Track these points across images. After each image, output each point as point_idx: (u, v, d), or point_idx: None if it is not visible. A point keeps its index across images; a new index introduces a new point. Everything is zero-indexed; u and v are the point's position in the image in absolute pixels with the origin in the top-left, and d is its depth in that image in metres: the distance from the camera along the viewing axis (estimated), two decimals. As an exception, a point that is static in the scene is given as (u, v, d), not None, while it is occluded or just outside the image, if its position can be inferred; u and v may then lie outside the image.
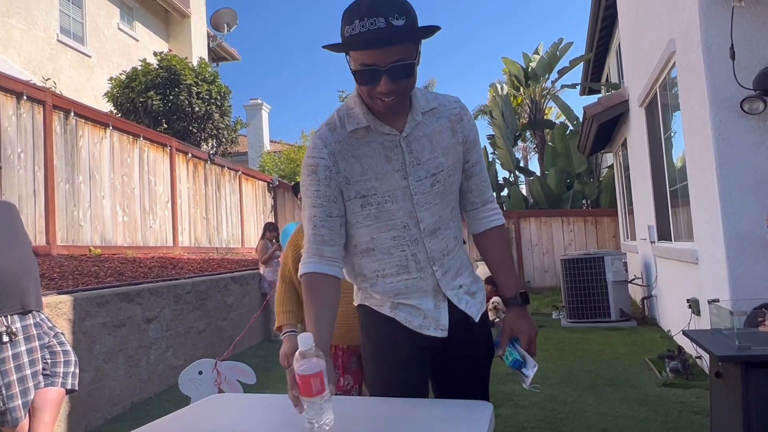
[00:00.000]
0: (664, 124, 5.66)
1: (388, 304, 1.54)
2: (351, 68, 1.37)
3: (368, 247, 1.50)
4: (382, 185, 1.44)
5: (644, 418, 3.48)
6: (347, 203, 1.46)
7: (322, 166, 1.42)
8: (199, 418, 1.37)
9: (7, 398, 2.74)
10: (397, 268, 1.50)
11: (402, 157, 1.44)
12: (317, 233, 1.45)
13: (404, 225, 1.47)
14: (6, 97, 5.02)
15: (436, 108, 1.50)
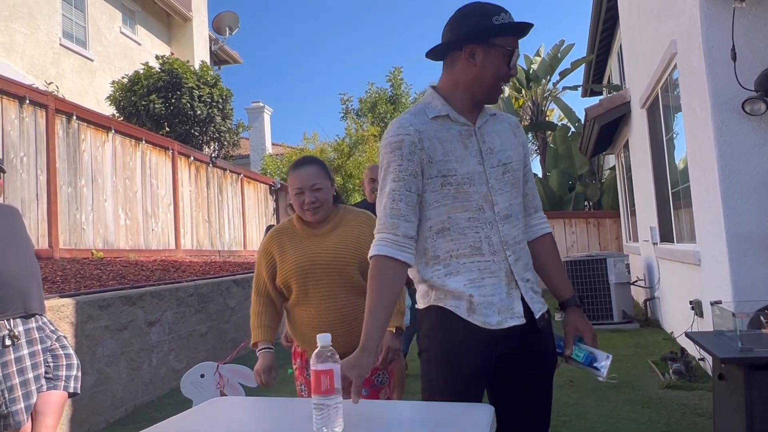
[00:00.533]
0: (666, 126, 5.65)
1: (465, 305, 1.51)
2: (477, 55, 1.52)
3: (444, 227, 1.53)
4: (461, 167, 1.52)
5: (647, 421, 3.47)
6: (427, 182, 1.52)
7: (407, 142, 1.51)
8: (201, 422, 1.37)
9: (10, 402, 2.74)
10: (470, 249, 1.52)
11: (477, 145, 1.57)
12: (395, 207, 1.50)
13: (479, 207, 1.53)
14: (9, 101, 5.03)
15: (496, 114, 1.67)
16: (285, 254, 2.16)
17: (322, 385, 1.20)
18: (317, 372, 1.21)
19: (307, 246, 2.13)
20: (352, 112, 19.49)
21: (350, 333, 2.07)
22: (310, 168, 2.13)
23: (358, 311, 2.07)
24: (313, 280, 2.09)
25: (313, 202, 2.08)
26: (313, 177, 2.10)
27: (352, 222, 2.18)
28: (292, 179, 2.12)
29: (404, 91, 20.43)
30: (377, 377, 2.15)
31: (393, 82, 20.22)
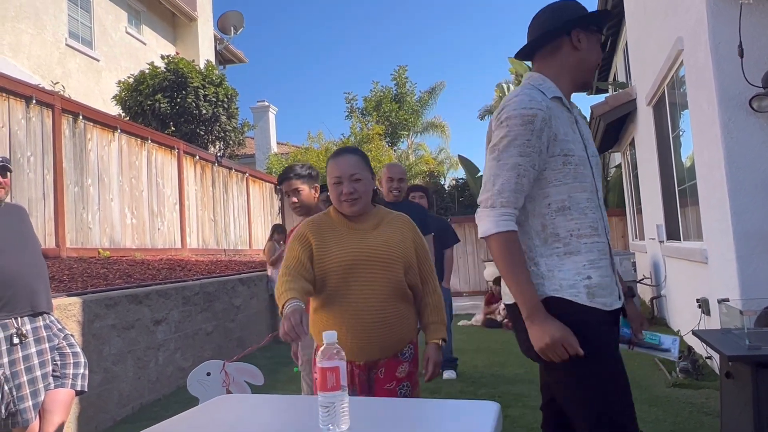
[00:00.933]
0: (672, 123, 5.63)
1: (583, 291, 1.50)
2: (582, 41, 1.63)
3: (564, 205, 1.54)
4: (576, 149, 1.57)
5: (654, 419, 3.45)
6: (550, 160, 1.54)
7: (539, 117, 1.51)
8: (207, 419, 1.38)
9: (18, 399, 2.76)
10: (590, 230, 1.55)
11: (579, 132, 1.63)
12: (520, 182, 1.51)
13: (593, 189, 1.60)
14: (16, 101, 5.06)
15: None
16: (326, 246, 1.97)
17: (329, 382, 1.20)
18: (323, 369, 1.22)
19: (350, 241, 1.98)
20: (356, 111, 19.49)
21: (387, 338, 1.94)
22: (350, 157, 2.00)
23: (398, 315, 1.96)
24: (354, 277, 1.93)
25: (351, 192, 1.95)
26: (353, 166, 1.97)
27: (394, 223, 2.06)
28: (331, 168, 1.98)
29: (409, 89, 20.41)
30: (401, 389, 2.00)
31: (398, 80, 20.20)
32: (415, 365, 2.03)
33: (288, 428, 1.32)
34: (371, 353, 1.93)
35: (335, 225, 2.04)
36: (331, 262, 1.93)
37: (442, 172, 19.88)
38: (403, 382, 1.99)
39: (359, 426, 1.30)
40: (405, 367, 2.00)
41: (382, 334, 1.92)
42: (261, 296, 6.88)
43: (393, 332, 1.93)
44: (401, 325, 1.96)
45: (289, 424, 1.34)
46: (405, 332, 1.99)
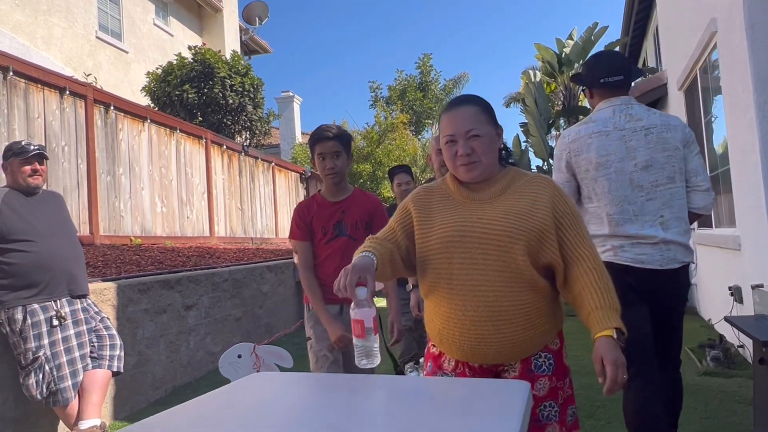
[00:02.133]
0: (705, 108, 5.49)
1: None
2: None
3: None
4: None
5: (684, 407, 3.38)
6: None
7: None
8: (241, 395, 1.42)
9: (58, 379, 2.87)
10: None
11: None
12: None
13: None
14: (50, 92, 5.19)
15: None
16: (430, 220, 1.63)
17: (355, 330, 1.42)
18: (353, 320, 1.42)
19: (461, 212, 1.60)
20: (381, 100, 19.45)
21: (506, 338, 1.51)
22: (467, 109, 1.59)
23: (521, 309, 1.51)
24: (459, 257, 1.54)
25: (468, 154, 1.56)
26: (469, 121, 1.57)
27: (525, 187, 1.60)
28: (443, 124, 1.62)
29: (434, 78, 20.28)
30: (543, 410, 1.56)
31: (422, 69, 20.08)
32: (561, 378, 1.59)
33: (320, 403, 1.35)
34: (486, 356, 1.55)
35: (449, 194, 1.66)
36: (431, 240, 1.60)
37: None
38: (544, 401, 1.55)
39: (387, 402, 1.32)
40: (544, 382, 1.56)
41: (497, 332, 1.50)
42: (288, 283, 6.97)
43: (513, 331, 1.51)
44: (527, 322, 1.52)
45: (322, 399, 1.37)
46: (535, 333, 1.54)
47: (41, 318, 2.86)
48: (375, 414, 1.28)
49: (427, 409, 1.25)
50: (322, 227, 2.55)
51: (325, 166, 2.51)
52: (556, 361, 1.59)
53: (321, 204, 2.60)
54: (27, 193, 3.02)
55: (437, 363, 1.66)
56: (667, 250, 2.20)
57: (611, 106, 2.32)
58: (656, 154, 2.23)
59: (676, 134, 2.26)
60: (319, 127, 2.56)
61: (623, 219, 2.22)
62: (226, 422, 1.20)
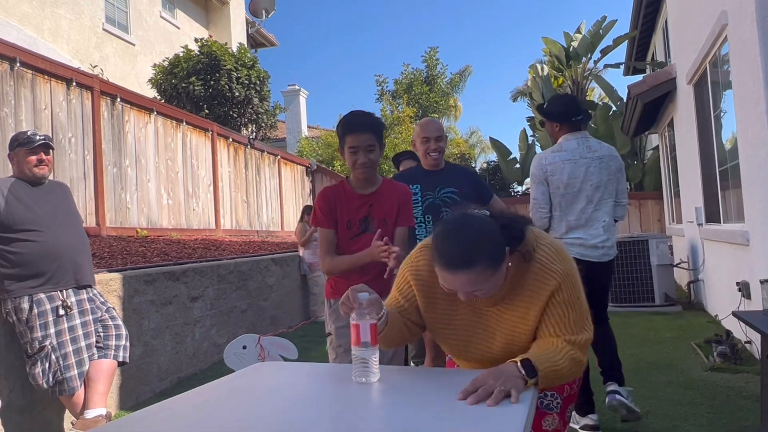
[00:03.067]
0: (714, 102, 5.44)
1: None
2: None
3: None
4: None
5: (690, 402, 3.40)
6: None
7: None
8: (246, 383, 1.41)
9: (64, 368, 2.88)
10: None
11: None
12: None
13: None
14: (57, 83, 5.20)
15: None
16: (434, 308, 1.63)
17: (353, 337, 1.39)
18: (352, 325, 1.39)
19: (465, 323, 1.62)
20: (387, 94, 19.40)
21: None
22: (465, 276, 1.40)
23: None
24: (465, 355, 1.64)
25: (472, 297, 1.48)
26: (468, 286, 1.43)
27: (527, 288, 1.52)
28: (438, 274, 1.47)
29: (440, 71, 20.19)
30: (544, 398, 1.58)
31: (429, 62, 20.00)
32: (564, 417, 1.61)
33: (322, 394, 1.34)
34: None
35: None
36: (438, 334, 1.62)
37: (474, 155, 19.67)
38: (546, 391, 1.57)
39: (392, 392, 1.32)
40: (552, 420, 1.56)
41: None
42: (293, 276, 6.98)
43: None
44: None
45: (326, 388, 1.37)
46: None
47: (47, 307, 2.87)
48: (380, 404, 1.28)
49: (435, 399, 1.24)
50: (348, 221, 2.37)
51: (357, 160, 2.30)
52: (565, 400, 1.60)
53: (349, 194, 2.40)
54: (33, 183, 3.02)
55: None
56: (602, 248, 3.03)
57: (576, 138, 3.09)
58: (603, 177, 3.04)
59: (616, 163, 3.14)
60: (351, 115, 2.34)
61: (578, 224, 3.04)
62: (229, 410, 1.20)
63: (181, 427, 1.11)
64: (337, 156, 15.74)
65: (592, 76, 14.70)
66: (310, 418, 1.14)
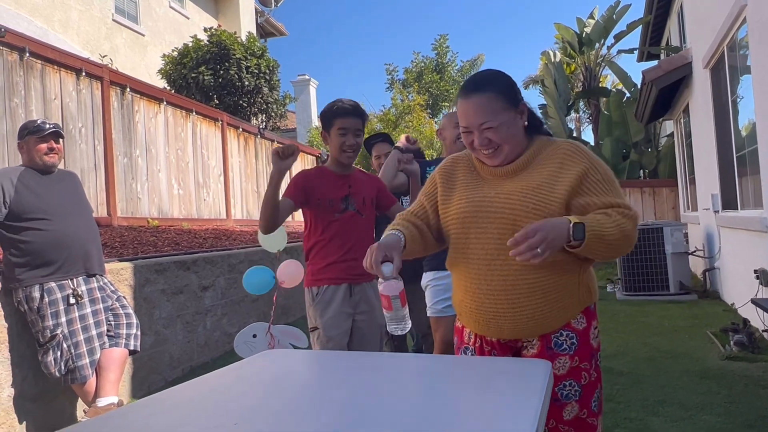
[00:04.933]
0: (732, 87, 5.32)
1: None
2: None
3: None
4: None
5: (706, 391, 3.34)
6: None
7: None
8: (254, 370, 1.39)
9: (76, 357, 2.88)
10: None
11: None
12: None
13: None
14: (66, 73, 5.20)
15: None
16: (451, 193, 1.63)
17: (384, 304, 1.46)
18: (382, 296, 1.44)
19: (481, 187, 1.58)
20: (397, 83, 19.29)
21: (522, 314, 1.47)
22: (478, 99, 1.50)
23: (537, 286, 1.46)
24: (475, 232, 1.53)
25: (485, 145, 1.52)
26: (481, 113, 1.49)
27: (549, 158, 1.53)
28: (458, 111, 1.57)
29: (450, 59, 20.02)
30: (562, 389, 1.49)
31: (439, 50, 19.84)
32: (585, 359, 1.51)
33: (332, 381, 1.31)
34: (501, 330, 1.51)
35: (473, 166, 1.65)
36: (449, 214, 1.60)
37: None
38: (564, 380, 1.49)
39: (403, 380, 1.28)
40: (564, 361, 1.49)
41: (511, 306, 1.47)
42: (304, 265, 6.97)
43: (528, 306, 1.46)
44: (543, 297, 1.47)
45: (333, 378, 1.34)
46: (552, 309, 1.48)
47: (58, 296, 2.87)
48: (389, 392, 1.24)
49: (445, 387, 1.21)
50: (329, 199, 2.47)
51: (345, 142, 2.44)
52: (581, 341, 1.51)
53: (328, 175, 2.53)
54: (43, 171, 3.01)
55: (461, 337, 1.66)
56: None
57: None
58: None
59: None
60: (339, 101, 2.48)
61: None
62: (238, 396, 1.18)
63: (188, 414, 1.09)
64: (347, 145, 15.70)
65: (605, 62, 14.49)
66: (318, 405, 1.11)
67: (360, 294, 2.46)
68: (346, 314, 2.40)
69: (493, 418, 0.97)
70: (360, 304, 2.45)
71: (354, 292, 2.44)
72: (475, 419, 0.98)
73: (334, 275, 2.43)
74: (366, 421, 1.00)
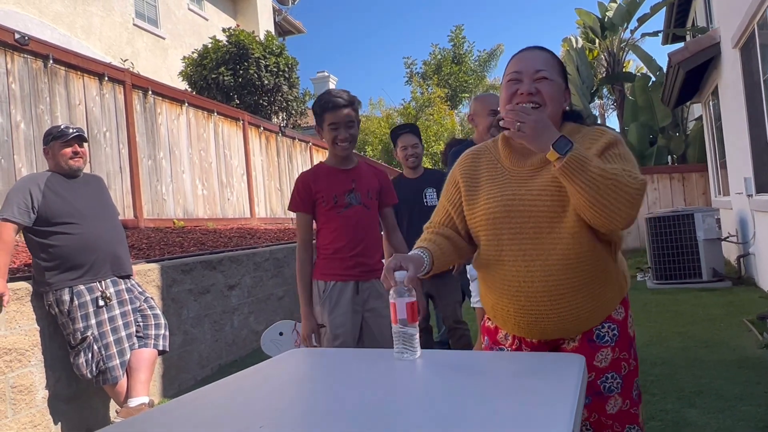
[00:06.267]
0: (763, 66, 5.14)
1: None
2: None
3: None
4: None
5: (744, 381, 3.24)
6: None
7: None
8: (280, 370, 1.37)
9: (107, 358, 2.92)
10: None
11: None
12: None
13: None
14: (90, 78, 5.27)
15: None
16: (476, 192, 1.52)
17: (393, 315, 1.33)
18: (392, 304, 1.32)
19: (509, 183, 1.47)
20: (416, 76, 19.18)
21: (565, 314, 1.40)
22: (539, 53, 1.49)
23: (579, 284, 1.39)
24: (509, 233, 1.43)
25: (531, 93, 1.44)
26: (540, 61, 1.46)
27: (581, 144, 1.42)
28: (510, 64, 1.51)
29: (467, 49, 19.83)
30: (604, 381, 1.46)
31: (455, 41, 19.67)
32: (625, 349, 1.48)
33: (359, 380, 1.29)
34: (544, 331, 1.45)
35: (497, 160, 1.54)
36: (477, 215, 1.50)
37: (506, 134, 19.28)
38: (606, 372, 1.45)
39: (432, 378, 1.25)
40: (606, 353, 1.45)
41: (554, 307, 1.40)
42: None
43: (573, 305, 1.40)
44: (587, 294, 1.41)
45: (361, 376, 1.31)
46: (597, 305, 1.43)
47: (87, 299, 2.91)
48: (418, 390, 1.21)
49: (477, 384, 1.18)
50: (334, 195, 2.43)
51: (338, 135, 2.39)
52: (621, 332, 1.47)
53: (329, 172, 2.48)
54: (69, 175, 3.05)
55: (493, 338, 1.58)
56: None
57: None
58: None
59: None
60: (327, 93, 2.43)
61: None
62: (264, 398, 1.16)
63: (215, 416, 1.08)
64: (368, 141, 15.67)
65: (629, 46, 14.17)
66: (344, 406, 1.08)
67: (369, 291, 2.44)
68: (353, 312, 2.38)
69: (528, 417, 0.93)
70: (369, 301, 2.43)
71: (361, 289, 2.41)
72: (508, 418, 0.94)
73: (341, 271, 2.41)
74: (393, 421, 0.97)
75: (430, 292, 3.50)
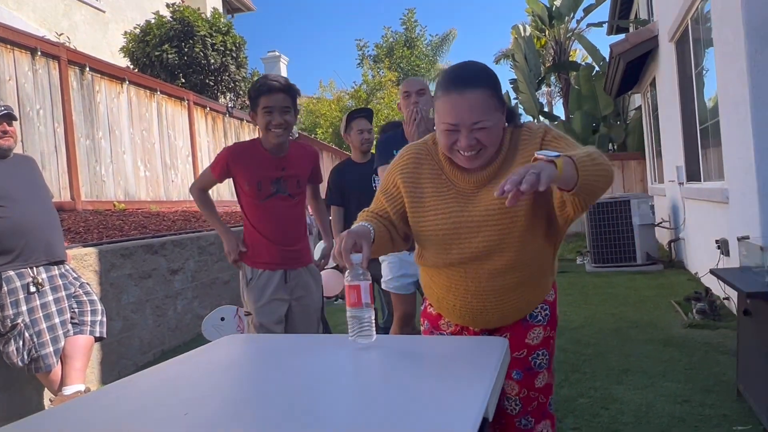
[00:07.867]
0: (696, 60, 5.39)
1: None
2: None
3: None
4: None
5: (668, 359, 3.45)
6: None
7: None
8: (213, 356, 1.38)
9: (39, 346, 2.82)
10: None
11: None
12: None
13: None
14: (21, 52, 4.99)
15: None
16: (421, 202, 1.49)
17: (351, 298, 1.31)
18: (348, 287, 1.31)
19: (457, 200, 1.45)
20: (368, 59, 19.08)
21: (509, 306, 1.47)
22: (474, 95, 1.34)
23: (525, 280, 1.46)
24: (458, 247, 1.44)
25: (472, 145, 1.36)
26: (477, 111, 1.34)
27: (520, 151, 1.43)
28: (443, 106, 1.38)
29: (419, 33, 19.85)
30: (535, 358, 1.54)
31: (407, 24, 19.64)
32: (553, 328, 1.58)
33: (292, 364, 1.31)
34: (488, 322, 1.51)
35: (441, 170, 1.49)
36: (425, 228, 1.48)
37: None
38: (537, 350, 1.53)
39: (363, 361, 1.29)
40: (538, 332, 1.53)
41: (500, 302, 1.46)
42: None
43: (517, 299, 1.48)
44: (531, 288, 1.50)
45: (294, 361, 1.33)
46: (537, 294, 1.53)
47: (17, 285, 2.80)
48: (348, 373, 1.25)
49: (403, 366, 1.22)
50: (258, 182, 2.40)
51: (271, 121, 2.35)
52: (551, 312, 1.57)
53: (261, 155, 2.44)
54: (-3, 156, 2.90)
55: (435, 324, 1.62)
56: None
57: None
58: None
59: None
60: (264, 77, 2.40)
61: None
62: (193, 384, 1.17)
63: (140, 405, 1.07)
64: (319, 123, 15.52)
65: (575, 36, 14.53)
66: (270, 391, 1.10)
67: (296, 279, 2.45)
68: (280, 301, 2.38)
69: (446, 399, 0.98)
70: (296, 290, 2.45)
71: (290, 278, 2.42)
72: (429, 400, 0.98)
73: (269, 259, 2.41)
74: (315, 405, 1.00)
75: (376, 276, 3.54)
